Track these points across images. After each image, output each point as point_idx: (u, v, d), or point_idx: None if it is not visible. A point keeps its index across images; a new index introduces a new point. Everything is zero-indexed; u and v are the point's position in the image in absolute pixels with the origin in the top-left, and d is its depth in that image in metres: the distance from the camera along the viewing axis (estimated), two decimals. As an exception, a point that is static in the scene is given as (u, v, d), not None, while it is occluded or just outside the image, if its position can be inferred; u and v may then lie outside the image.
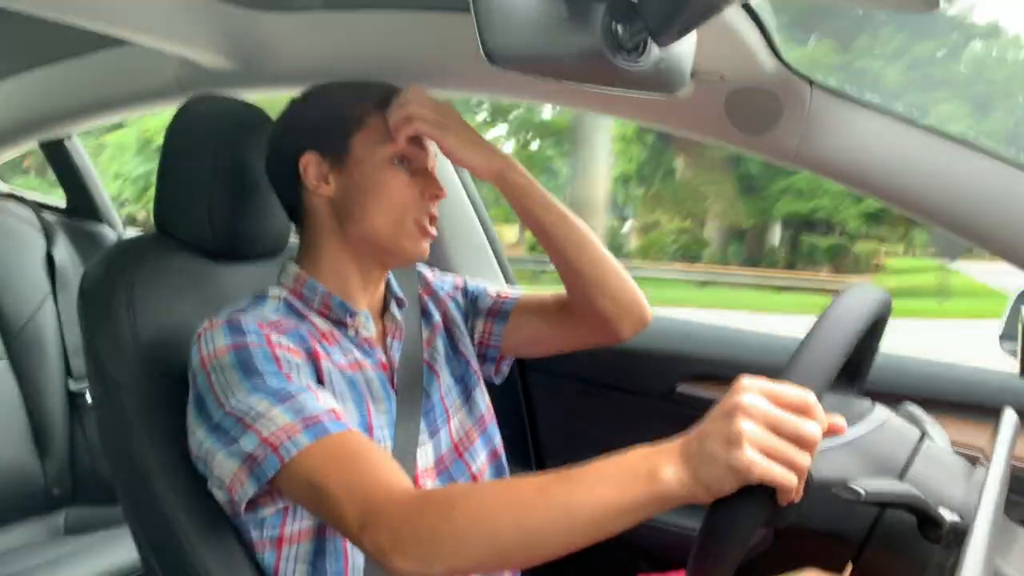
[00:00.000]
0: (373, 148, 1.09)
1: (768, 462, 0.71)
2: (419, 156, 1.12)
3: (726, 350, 1.61)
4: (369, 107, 1.11)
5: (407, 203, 1.10)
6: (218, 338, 1.01)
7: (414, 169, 1.12)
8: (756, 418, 0.72)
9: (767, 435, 0.72)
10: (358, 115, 1.10)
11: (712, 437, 0.74)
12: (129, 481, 1.13)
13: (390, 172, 1.10)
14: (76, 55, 1.83)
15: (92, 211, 2.40)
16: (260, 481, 0.95)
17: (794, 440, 0.72)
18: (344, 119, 1.11)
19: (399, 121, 1.08)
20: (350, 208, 1.10)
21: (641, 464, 0.77)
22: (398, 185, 1.10)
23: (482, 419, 1.23)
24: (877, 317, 0.85)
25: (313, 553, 1.05)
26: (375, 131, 1.10)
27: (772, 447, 0.72)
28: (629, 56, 0.81)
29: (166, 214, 1.24)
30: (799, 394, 0.73)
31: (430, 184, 1.12)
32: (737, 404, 0.73)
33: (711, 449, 0.73)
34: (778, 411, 0.73)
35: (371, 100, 1.11)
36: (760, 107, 1.19)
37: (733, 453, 0.71)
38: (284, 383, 0.97)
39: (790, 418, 0.73)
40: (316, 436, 0.93)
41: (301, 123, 1.14)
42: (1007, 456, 0.84)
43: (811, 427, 0.73)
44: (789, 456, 0.72)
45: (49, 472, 2.00)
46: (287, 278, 1.14)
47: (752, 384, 0.74)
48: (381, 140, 1.10)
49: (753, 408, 0.73)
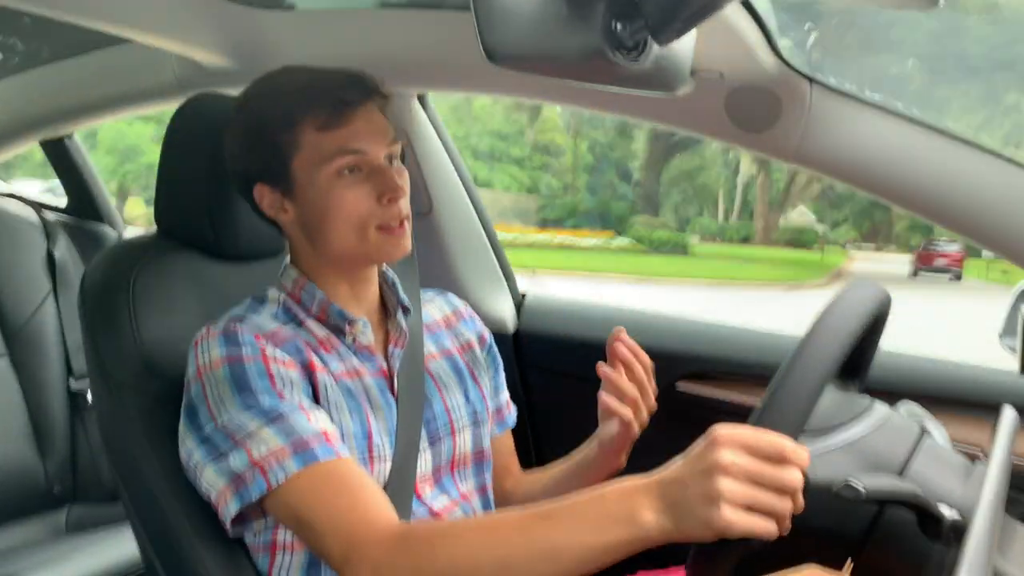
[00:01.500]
0: (314, 169, 1.03)
1: (747, 517, 0.72)
2: (366, 158, 1.04)
3: (725, 348, 1.61)
4: (298, 125, 1.03)
5: (365, 215, 1.04)
6: (214, 349, 1.01)
7: (367, 172, 1.04)
8: (735, 475, 0.73)
9: (746, 490, 0.73)
10: (289, 139, 1.04)
11: (692, 493, 0.74)
12: (130, 480, 1.13)
13: (340, 187, 1.03)
14: (77, 54, 1.83)
15: (93, 210, 2.39)
16: (244, 501, 0.96)
17: (775, 489, 0.73)
18: (277, 146, 1.04)
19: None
20: (312, 231, 1.07)
21: (621, 506, 0.78)
22: (351, 198, 1.03)
23: (480, 453, 1.20)
24: (875, 316, 0.85)
25: (307, 564, 1.04)
26: (311, 150, 1.03)
27: (754, 501, 0.73)
28: (629, 54, 0.81)
29: (166, 214, 1.24)
30: (776, 442, 0.73)
31: (387, 187, 1.03)
32: (715, 463, 0.73)
33: (691, 505, 0.74)
34: (756, 463, 0.73)
35: (299, 116, 1.03)
36: (760, 105, 1.19)
37: (713, 513, 0.72)
38: (276, 402, 0.97)
39: (769, 469, 0.73)
40: (305, 462, 0.94)
41: (240, 151, 1.09)
42: (1007, 453, 0.84)
43: (791, 475, 0.73)
44: (770, 506, 0.73)
45: (50, 470, 2.00)
46: (287, 280, 1.13)
47: (727, 437, 0.74)
48: (320, 159, 1.03)
49: (731, 465, 0.73)
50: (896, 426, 0.90)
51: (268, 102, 1.07)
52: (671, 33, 0.79)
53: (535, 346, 1.79)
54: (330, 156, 1.03)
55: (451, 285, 1.75)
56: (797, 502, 0.75)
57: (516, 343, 1.79)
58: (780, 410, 0.75)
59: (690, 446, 0.78)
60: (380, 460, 1.05)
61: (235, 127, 1.09)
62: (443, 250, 1.78)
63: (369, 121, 1.05)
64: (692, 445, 0.78)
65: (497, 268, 1.86)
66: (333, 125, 1.03)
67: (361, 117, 1.04)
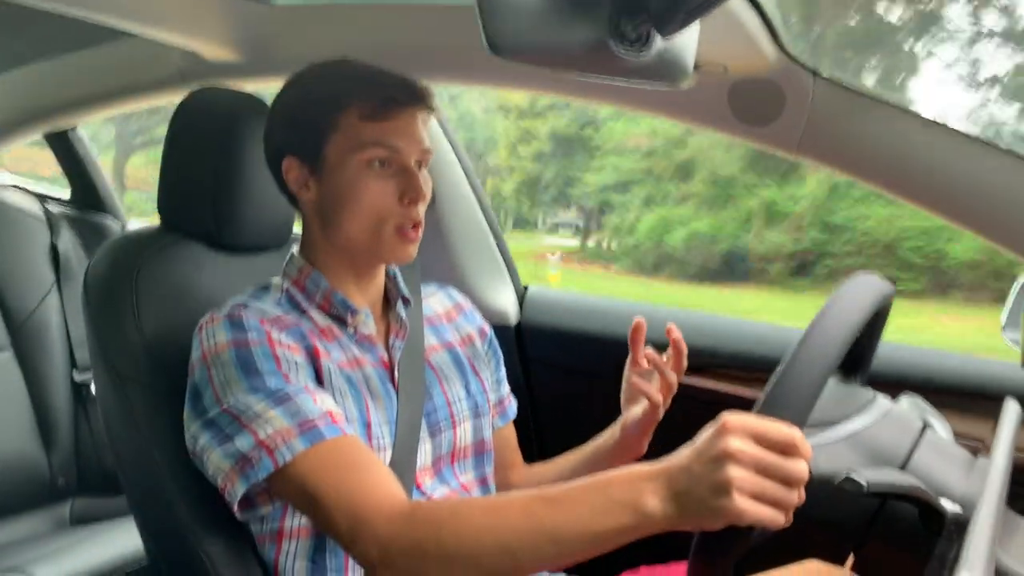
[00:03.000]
0: (347, 154, 1.05)
1: (757, 506, 0.73)
2: (398, 156, 1.06)
3: (727, 342, 1.61)
4: (344, 110, 1.05)
5: (384, 210, 1.05)
6: (219, 333, 1.01)
7: (395, 169, 1.06)
8: (744, 463, 0.73)
9: (756, 479, 0.73)
10: (332, 120, 1.06)
11: (700, 481, 0.74)
12: (134, 472, 1.14)
13: (367, 177, 1.05)
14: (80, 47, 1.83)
15: (96, 202, 2.40)
16: (250, 482, 0.96)
17: (782, 480, 0.73)
18: (317, 124, 1.06)
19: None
20: (329, 215, 1.08)
21: (626, 492, 0.78)
22: (376, 191, 1.05)
23: (481, 444, 1.21)
24: (877, 308, 0.85)
25: (313, 548, 1.05)
26: (349, 136, 1.05)
27: (762, 490, 0.73)
28: (632, 47, 0.81)
29: (170, 206, 1.24)
30: (785, 432, 0.74)
31: (410, 187, 1.05)
32: (725, 449, 0.73)
33: (700, 493, 0.74)
34: (765, 453, 0.73)
35: (345, 101, 1.05)
36: (763, 98, 1.19)
37: (723, 501, 0.73)
38: (282, 383, 0.98)
39: (777, 459, 0.73)
40: (311, 441, 0.94)
41: (279, 123, 1.11)
42: (1009, 447, 0.84)
43: (798, 466, 0.74)
44: (778, 497, 0.73)
45: (54, 463, 2.01)
46: (292, 269, 1.13)
47: (738, 425, 0.74)
48: (355, 145, 1.05)
49: (741, 453, 0.73)
50: (898, 419, 0.90)
51: (321, 82, 1.09)
52: (675, 25, 0.79)
53: (537, 339, 1.79)
54: (365, 145, 1.04)
55: (454, 278, 1.75)
56: (801, 494, 0.75)
57: (518, 336, 1.80)
58: (783, 402, 0.75)
59: (697, 435, 0.78)
60: (380, 450, 1.06)
61: (281, 100, 1.12)
62: (446, 243, 1.78)
63: (409, 123, 1.07)
64: (699, 433, 0.78)
65: (500, 261, 1.86)
66: (376, 117, 1.05)
67: (404, 118, 1.06)
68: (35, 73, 1.98)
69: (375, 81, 1.07)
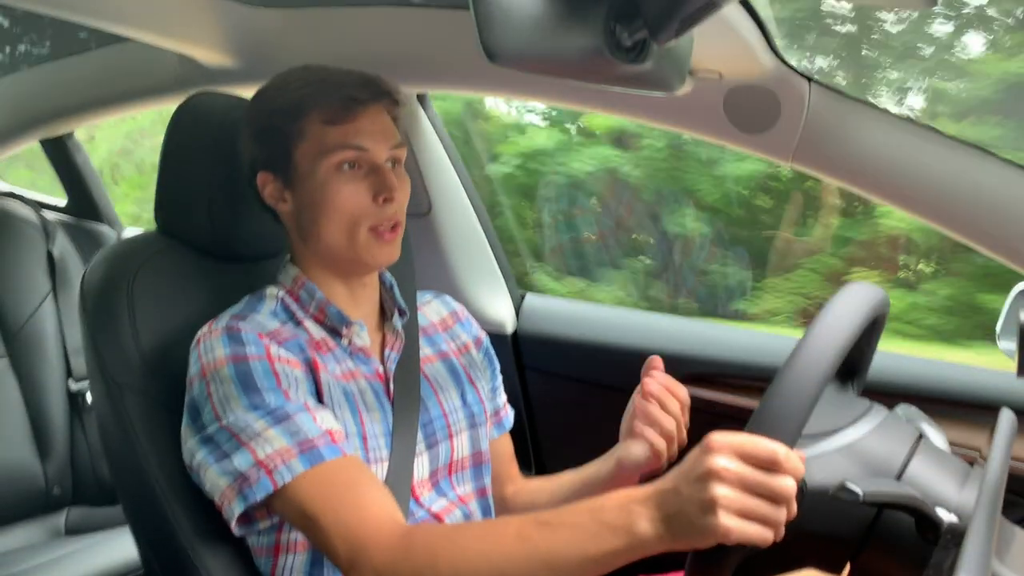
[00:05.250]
0: (315, 161, 1.04)
1: (744, 524, 0.73)
2: (367, 156, 1.05)
3: (725, 350, 1.60)
4: (306, 116, 1.05)
5: (358, 212, 1.04)
6: (217, 347, 1.01)
7: (366, 170, 1.05)
8: (730, 482, 0.73)
9: (742, 497, 0.73)
10: (296, 128, 1.05)
11: (688, 501, 0.75)
12: (130, 481, 1.13)
13: (337, 181, 1.04)
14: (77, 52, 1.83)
15: (92, 210, 2.39)
16: (248, 502, 0.95)
17: (768, 497, 0.73)
18: (283, 134, 1.06)
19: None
20: (307, 225, 1.08)
21: (619, 516, 0.79)
22: (347, 194, 1.04)
23: (478, 455, 1.20)
24: (873, 318, 0.85)
25: (310, 563, 1.05)
26: (315, 142, 1.04)
27: (748, 508, 0.73)
28: (628, 54, 0.81)
29: (166, 213, 1.23)
30: (769, 448, 0.73)
31: (383, 186, 1.04)
32: (709, 468, 0.74)
33: (688, 513, 0.75)
34: (750, 471, 0.73)
35: (307, 107, 1.05)
36: (759, 105, 1.19)
37: (709, 520, 0.73)
38: (282, 401, 0.97)
39: (762, 476, 0.73)
40: (311, 463, 0.94)
41: (249, 139, 1.11)
42: (1005, 456, 0.84)
43: (784, 482, 0.74)
44: (764, 514, 0.73)
45: (49, 472, 2.00)
46: (286, 278, 1.13)
47: (722, 444, 0.74)
48: (322, 150, 1.04)
49: (725, 471, 0.73)
50: (894, 429, 0.90)
51: (280, 92, 1.09)
52: (670, 33, 0.78)
53: (534, 348, 1.79)
54: (332, 149, 1.04)
55: (450, 286, 1.75)
56: (791, 509, 0.75)
57: (515, 344, 1.79)
58: (776, 416, 0.75)
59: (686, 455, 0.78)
60: (376, 462, 1.05)
61: (248, 115, 1.11)
62: (442, 251, 1.78)
63: (375, 121, 1.06)
64: (687, 454, 0.78)
65: (496, 269, 1.85)
66: (339, 120, 1.04)
67: (368, 116, 1.06)
68: (31, 78, 1.97)
69: (334, 83, 1.06)
